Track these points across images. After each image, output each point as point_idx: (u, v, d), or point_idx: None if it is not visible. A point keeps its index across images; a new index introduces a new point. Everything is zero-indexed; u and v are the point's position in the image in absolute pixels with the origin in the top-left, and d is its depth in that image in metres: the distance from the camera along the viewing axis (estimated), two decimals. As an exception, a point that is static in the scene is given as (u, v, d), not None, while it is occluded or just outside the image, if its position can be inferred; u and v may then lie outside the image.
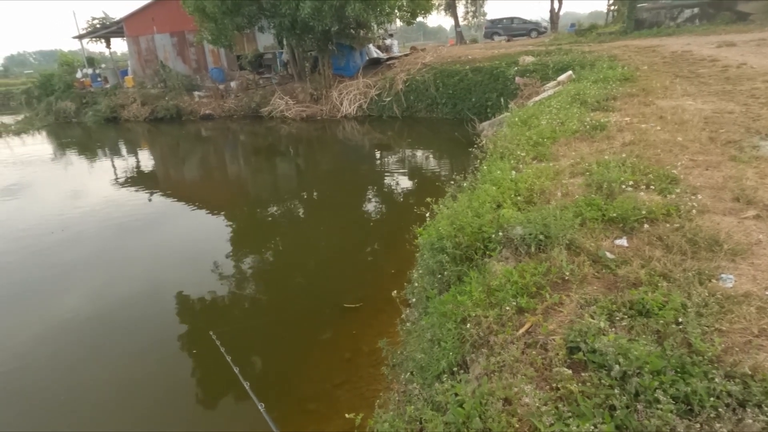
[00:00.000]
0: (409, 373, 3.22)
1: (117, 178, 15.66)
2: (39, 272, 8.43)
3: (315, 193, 13.06)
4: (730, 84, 8.46)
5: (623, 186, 3.95)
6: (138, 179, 15.64)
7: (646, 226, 3.36)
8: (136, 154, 20.46)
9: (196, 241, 9.80)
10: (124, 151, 21.42)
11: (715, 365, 2.02)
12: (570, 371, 2.16)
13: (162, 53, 29.42)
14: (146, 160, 19.34)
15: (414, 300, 4.27)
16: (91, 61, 35.16)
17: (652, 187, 3.98)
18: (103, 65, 35.06)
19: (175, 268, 8.46)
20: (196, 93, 26.96)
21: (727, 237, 3.07)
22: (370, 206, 11.39)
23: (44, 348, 6.22)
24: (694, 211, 3.45)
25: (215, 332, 4.35)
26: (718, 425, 1.74)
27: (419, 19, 26.73)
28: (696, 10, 23.35)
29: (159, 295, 7.39)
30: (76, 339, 6.42)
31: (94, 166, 18.56)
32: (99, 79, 31.34)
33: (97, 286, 7.82)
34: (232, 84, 26.46)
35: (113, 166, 18.33)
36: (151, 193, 13.54)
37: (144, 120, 26.70)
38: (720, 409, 1.80)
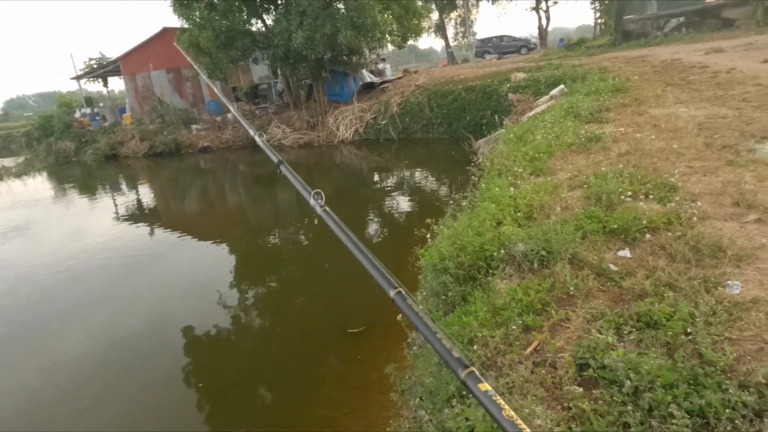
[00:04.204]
0: (418, 399, 3.15)
1: (118, 215, 15.70)
2: (42, 311, 8.37)
3: (315, 219, 13.05)
4: (721, 89, 8.52)
5: (622, 197, 3.95)
6: (139, 214, 15.68)
7: (648, 235, 3.34)
8: (136, 190, 20.55)
9: (198, 273, 9.77)
10: (124, 187, 21.53)
11: (729, 375, 1.98)
12: (581, 389, 2.12)
13: (159, 89, 29.84)
14: (146, 195, 19.40)
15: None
16: (90, 100, 35.71)
17: (651, 196, 3.97)
18: (101, 104, 35.54)
19: (179, 301, 8.40)
20: (193, 126, 27.23)
21: (731, 243, 3.04)
22: (371, 229, 11.37)
23: (49, 388, 6.15)
24: (695, 218, 3.44)
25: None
26: (735, 438, 1.70)
27: (410, 42, 27.18)
28: (682, 19, 23.76)
29: (163, 329, 7.34)
30: (82, 378, 6.33)
31: (95, 203, 18.62)
32: (97, 117, 31.75)
33: (101, 322, 7.76)
34: (229, 116, 26.74)
35: (114, 202, 18.40)
36: (153, 228, 13.55)
37: (143, 155, 26.88)
38: (736, 421, 1.76)
